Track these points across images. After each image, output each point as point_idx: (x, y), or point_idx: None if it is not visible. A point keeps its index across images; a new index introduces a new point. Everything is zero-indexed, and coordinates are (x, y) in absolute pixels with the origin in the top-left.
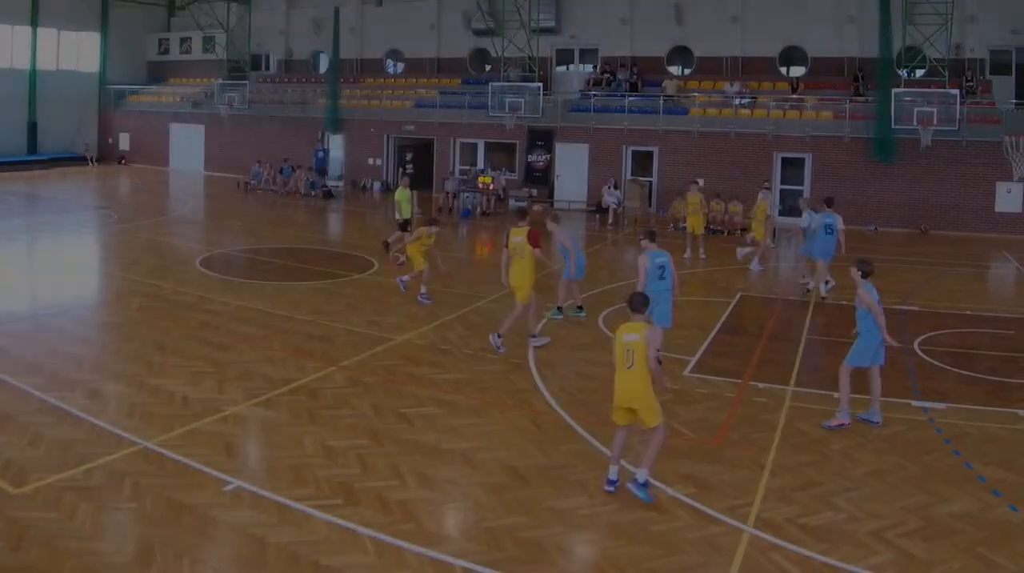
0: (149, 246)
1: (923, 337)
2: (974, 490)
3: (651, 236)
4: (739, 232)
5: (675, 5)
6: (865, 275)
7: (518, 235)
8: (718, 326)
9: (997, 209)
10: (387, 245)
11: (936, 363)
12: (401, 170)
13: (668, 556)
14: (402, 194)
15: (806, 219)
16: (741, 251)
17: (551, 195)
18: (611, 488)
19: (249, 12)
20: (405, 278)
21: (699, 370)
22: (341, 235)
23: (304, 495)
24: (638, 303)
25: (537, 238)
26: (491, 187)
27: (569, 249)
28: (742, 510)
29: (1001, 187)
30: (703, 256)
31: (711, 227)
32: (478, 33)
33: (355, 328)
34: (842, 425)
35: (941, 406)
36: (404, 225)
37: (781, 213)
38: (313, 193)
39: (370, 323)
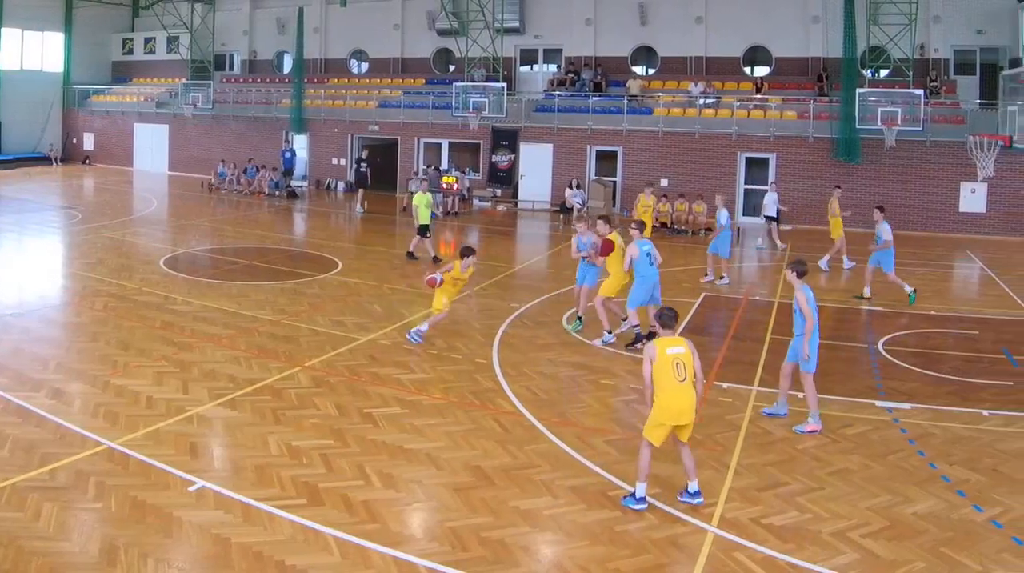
0: (113, 246)
1: (888, 337)
2: (938, 490)
3: (640, 227)
4: (703, 232)
5: (639, 5)
6: (800, 275)
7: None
8: (682, 326)
9: (961, 209)
10: (411, 255)
11: (901, 363)
12: (415, 174)
13: (632, 556)
14: (420, 199)
15: (724, 217)
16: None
17: (515, 195)
18: (643, 505)
19: (213, 12)
20: (423, 328)
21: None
22: (306, 235)
23: (269, 495)
24: (668, 319)
25: (607, 248)
26: (455, 187)
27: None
28: (706, 510)
29: (965, 187)
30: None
31: (675, 227)
32: (442, 33)
33: (320, 328)
34: (815, 431)
35: (906, 406)
36: (423, 230)
37: (745, 213)
38: (277, 193)
39: (335, 323)
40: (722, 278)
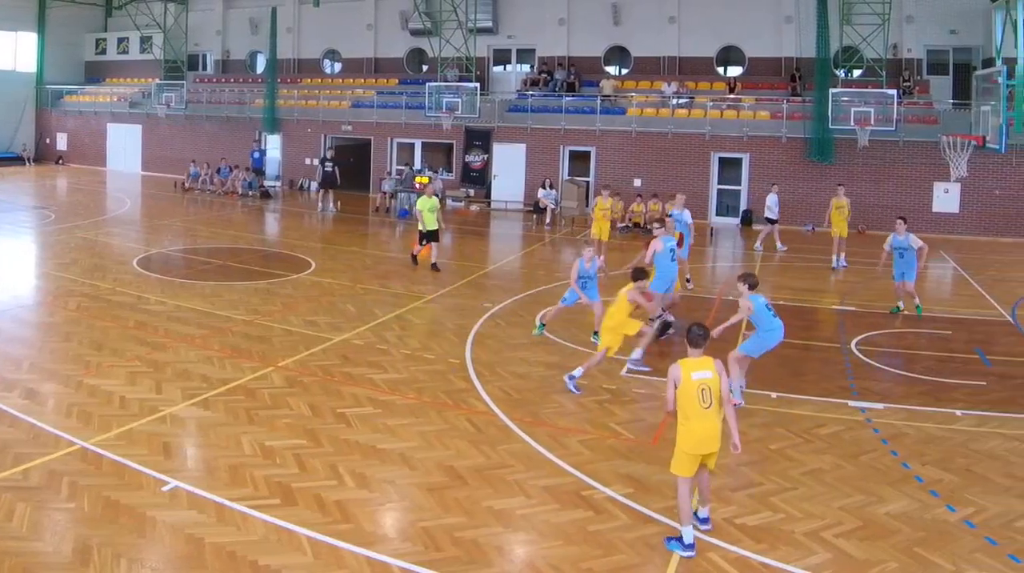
0: (87, 246)
1: (860, 337)
2: (911, 490)
3: (662, 222)
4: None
5: (612, 5)
6: (751, 287)
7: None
8: (655, 326)
9: (935, 209)
10: (434, 266)
11: (873, 363)
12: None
13: (605, 556)
14: (425, 203)
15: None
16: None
17: (488, 195)
18: (692, 552)
19: (186, 12)
20: (577, 374)
21: (637, 370)
22: (279, 235)
23: (242, 495)
24: (697, 338)
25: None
26: (428, 187)
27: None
28: None
29: (939, 187)
30: (603, 267)
31: (648, 227)
32: (415, 33)
33: (293, 328)
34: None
35: (879, 406)
36: (430, 236)
37: (719, 213)
38: (251, 193)
39: (308, 323)
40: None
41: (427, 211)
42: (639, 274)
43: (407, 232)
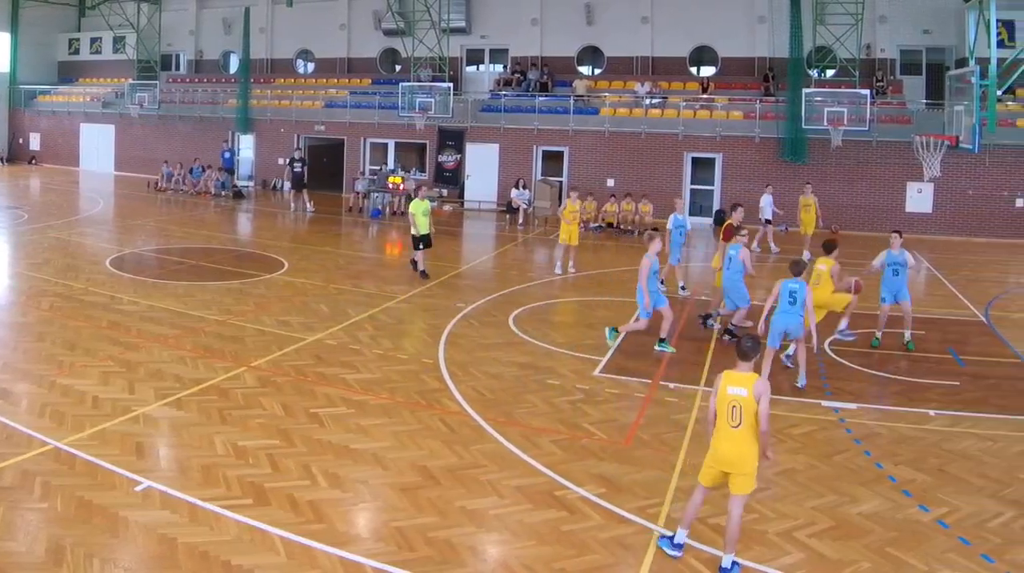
0: (59, 246)
1: (833, 337)
2: (884, 490)
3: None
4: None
5: (585, 5)
6: (793, 273)
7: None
8: (628, 326)
9: (908, 209)
10: (423, 273)
11: (846, 363)
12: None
13: (578, 556)
14: (418, 206)
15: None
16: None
17: (461, 195)
18: (678, 552)
19: (159, 12)
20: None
21: (609, 370)
22: (251, 235)
23: (215, 495)
24: (746, 349)
25: (728, 232)
26: (401, 187)
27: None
28: (652, 510)
29: (912, 187)
30: (573, 269)
31: (621, 227)
32: (388, 33)
33: (266, 328)
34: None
35: (852, 406)
36: (423, 241)
37: (691, 213)
38: (223, 193)
39: (281, 323)
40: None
41: (420, 215)
42: (830, 246)
43: (380, 232)
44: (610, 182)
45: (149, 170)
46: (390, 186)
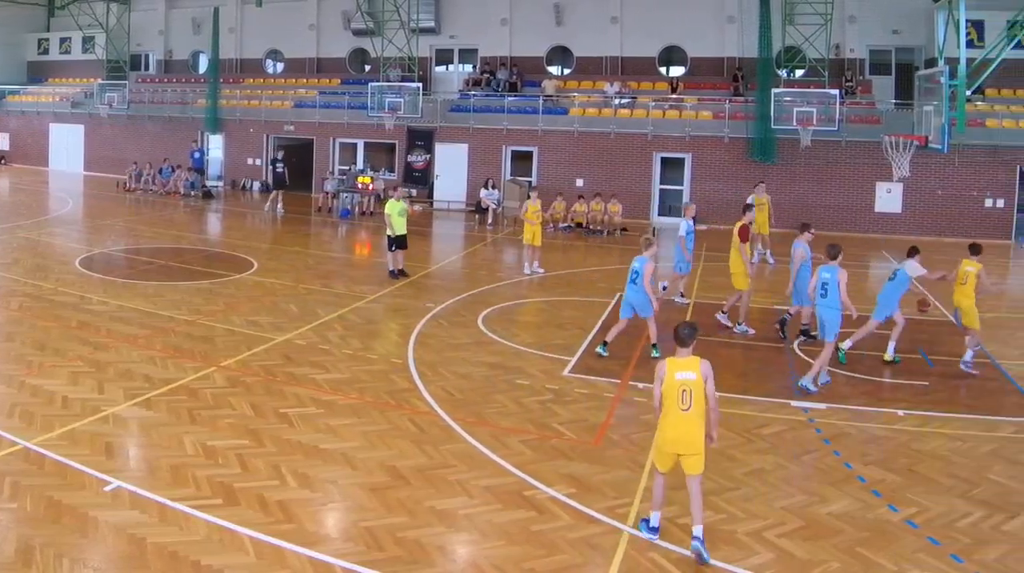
0: (29, 246)
1: (803, 338)
2: (854, 490)
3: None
4: (618, 232)
5: (555, 5)
6: (830, 258)
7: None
8: (598, 326)
9: (877, 209)
10: (401, 273)
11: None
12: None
13: (548, 556)
14: (394, 207)
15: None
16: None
17: (431, 195)
18: (654, 536)
19: (128, 12)
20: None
21: (579, 370)
22: (221, 235)
23: (184, 495)
24: (685, 335)
25: (744, 232)
26: (370, 187)
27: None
28: (621, 510)
29: (881, 187)
30: (540, 270)
31: (590, 227)
32: (358, 33)
33: (235, 328)
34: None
35: (821, 406)
36: (398, 242)
37: (660, 214)
38: (193, 193)
39: (250, 323)
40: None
41: (396, 215)
42: (976, 248)
43: (350, 232)
44: (579, 182)
45: (119, 170)
46: (359, 186)
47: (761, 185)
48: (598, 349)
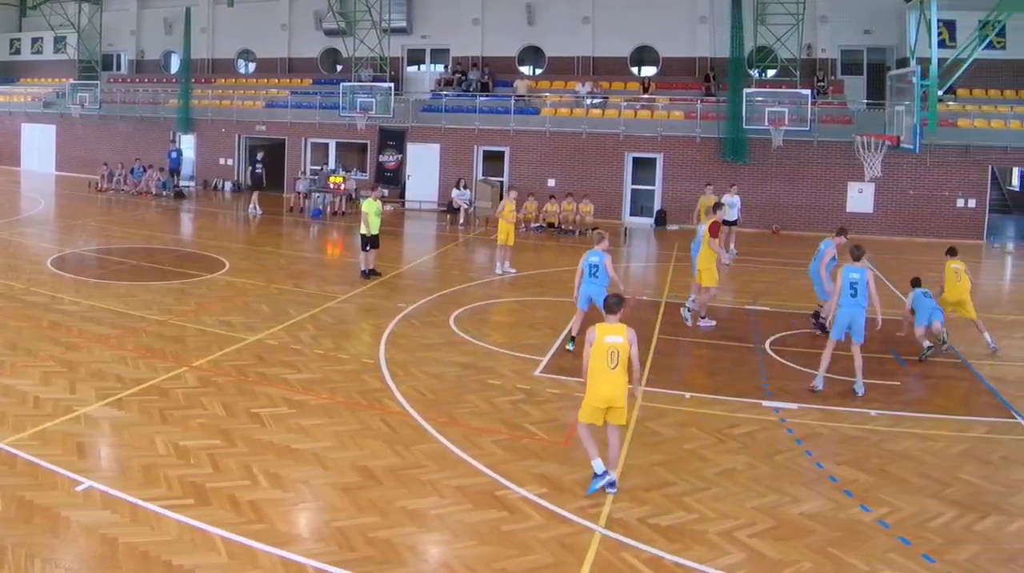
0: (0, 246)
1: (774, 337)
2: (825, 490)
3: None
4: (590, 232)
5: (527, 5)
6: (854, 259)
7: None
8: (570, 326)
9: (849, 209)
10: (373, 273)
11: (787, 363)
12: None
13: (519, 556)
14: (371, 206)
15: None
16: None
17: (402, 195)
18: (611, 488)
19: (100, 12)
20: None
21: (550, 370)
22: (193, 235)
23: (156, 495)
24: (613, 304)
25: (715, 229)
26: (342, 187)
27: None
28: (593, 510)
29: (853, 187)
30: (512, 270)
31: (562, 227)
32: (329, 33)
33: (207, 328)
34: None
35: (793, 406)
36: (373, 241)
37: (632, 213)
38: (165, 193)
39: (222, 323)
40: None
41: (373, 214)
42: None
43: (321, 232)
44: (551, 182)
45: (90, 170)
46: (331, 186)
47: (709, 187)
48: (568, 346)
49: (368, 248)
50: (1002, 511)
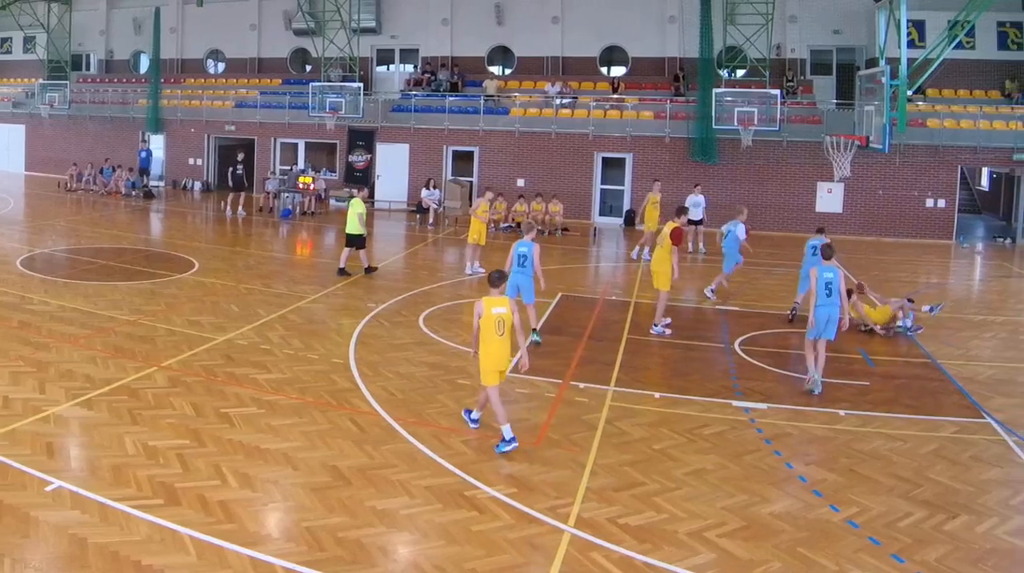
0: None
1: (744, 337)
2: (795, 490)
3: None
4: (559, 232)
5: (496, 5)
6: (823, 258)
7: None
8: (539, 326)
9: (818, 209)
10: (344, 272)
11: (756, 363)
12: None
13: (489, 556)
14: (358, 205)
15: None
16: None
17: (372, 195)
18: (514, 444)
19: (69, 12)
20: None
21: (519, 370)
22: (162, 235)
23: (125, 495)
24: (496, 279)
25: (678, 235)
26: (311, 187)
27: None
28: (563, 510)
29: (822, 187)
30: (481, 270)
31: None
32: (299, 33)
33: (176, 328)
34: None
35: (762, 406)
36: (358, 241)
37: (602, 214)
38: (134, 193)
39: (191, 323)
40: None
41: (352, 213)
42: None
43: (291, 232)
44: (520, 182)
45: (60, 170)
46: (300, 186)
47: (656, 183)
48: (533, 337)
49: (356, 247)
50: (971, 511)
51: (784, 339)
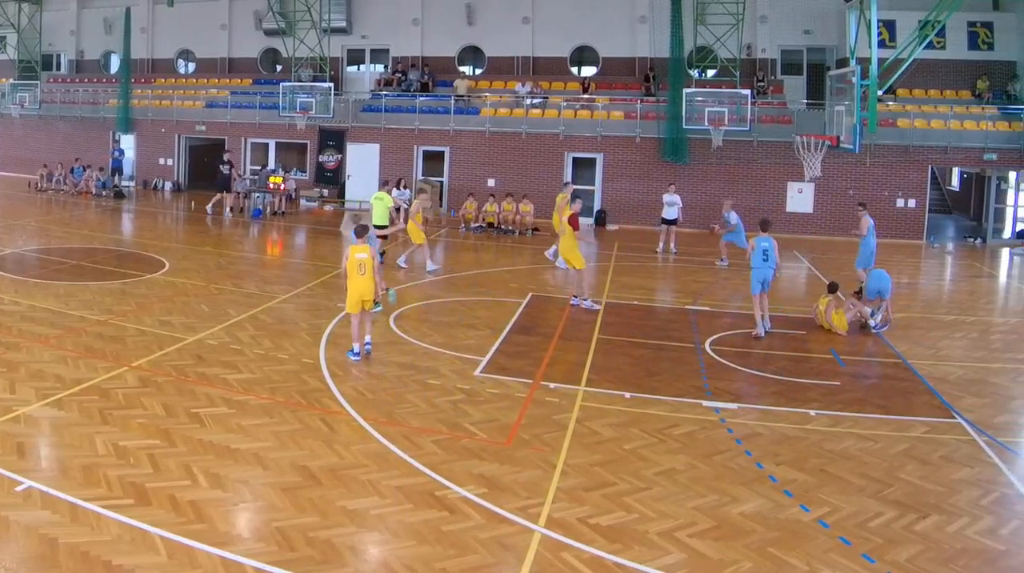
0: None
1: (714, 337)
2: (765, 490)
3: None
4: (530, 232)
5: (466, 5)
6: (761, 228)
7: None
8: (509, 326)
9: (788, 209)
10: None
11: (727, 363)
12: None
13: (459, 556)
14: (386, 198)
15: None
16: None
17: (342, 195)
18: (358, 357)
19: (40, 12)
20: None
21: (490, 370)
22: (133, 235)
23: (96, 495)
24: (360, 231)
25: (575, 221)
26: (282, 187)
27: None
28: (533, 510)
29: (793, 187)
30: (431, 266)
31: (502, 227)
32: (269, 33)
33: (147, 328)
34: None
35: (732, 406)
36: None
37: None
38: (104, 193)
39: (162, 323)
40: (722, 260)
41: (382, 208)
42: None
43: (261, 232)
44: (491, 182)
45: (30, 170)
46: (271, 186)
47: (568, 184)
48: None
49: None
50: (942, 511)
51: (755, 339)
